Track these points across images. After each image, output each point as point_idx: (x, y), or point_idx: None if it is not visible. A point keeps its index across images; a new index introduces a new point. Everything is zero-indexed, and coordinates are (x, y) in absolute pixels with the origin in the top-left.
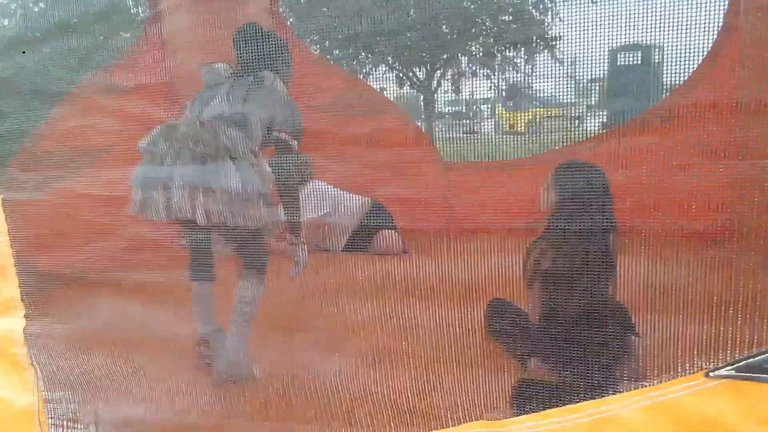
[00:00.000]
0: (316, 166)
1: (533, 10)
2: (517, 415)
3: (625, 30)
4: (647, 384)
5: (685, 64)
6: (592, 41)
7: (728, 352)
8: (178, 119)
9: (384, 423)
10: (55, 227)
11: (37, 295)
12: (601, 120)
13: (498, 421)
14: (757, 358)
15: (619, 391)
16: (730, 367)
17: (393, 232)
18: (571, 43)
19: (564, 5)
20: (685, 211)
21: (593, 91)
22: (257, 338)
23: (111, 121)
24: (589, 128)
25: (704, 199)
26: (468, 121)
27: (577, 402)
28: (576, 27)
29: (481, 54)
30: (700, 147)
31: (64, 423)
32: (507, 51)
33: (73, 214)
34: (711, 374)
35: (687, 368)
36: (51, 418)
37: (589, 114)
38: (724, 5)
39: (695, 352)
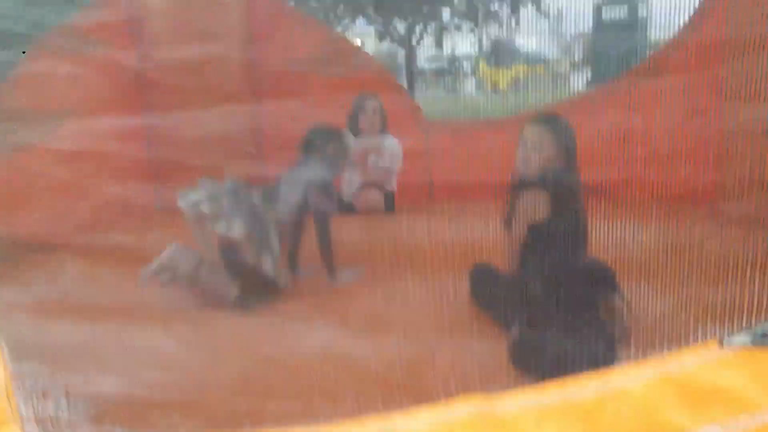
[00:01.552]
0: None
1: None
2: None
3: None
4: (655, 354)
5: None
6: None
7: (744, 318)
8: None
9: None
10: (19, 188)
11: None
12: None
13: (493, 394)
14: None
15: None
16: (746, 335)
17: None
18: None
19: None
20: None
21: None
22: None
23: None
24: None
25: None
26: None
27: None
28: None
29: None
30: None
31: (34, 397)
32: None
33: (39, 174)
34: (725, 343)
35: (699, 336)
36: (20, 391)
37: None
38: None
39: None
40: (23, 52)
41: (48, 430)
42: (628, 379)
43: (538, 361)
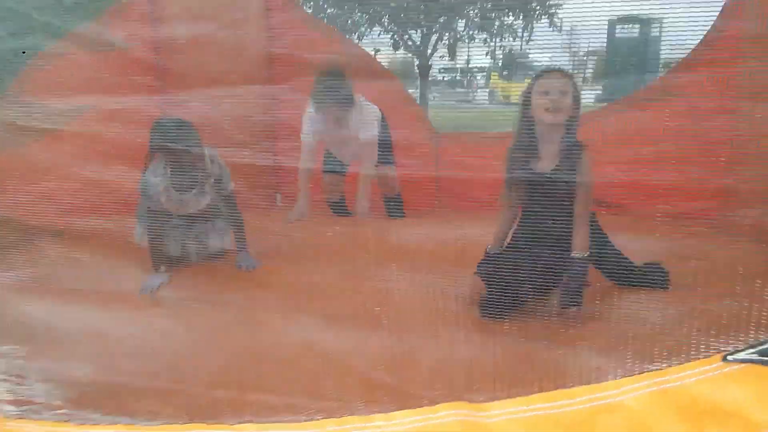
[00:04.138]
0: None
1: None
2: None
3: None
4: (652, 368)
5: None
6: None
7: (749, 333)
8: None
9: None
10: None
11: None
12: None
13: (479, 404)
14: None
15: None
16: (751, 350)
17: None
18: None
19: None
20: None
21: None
22: None
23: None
24: None
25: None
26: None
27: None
28: None
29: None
30: None
31: (11, 379)
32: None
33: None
34: (729, 358)
35: (701, 351)
36: None
37: None
38: None
39: (711, 333)
40: (23, 52)
41: (25, 412)
42: (623, 393)
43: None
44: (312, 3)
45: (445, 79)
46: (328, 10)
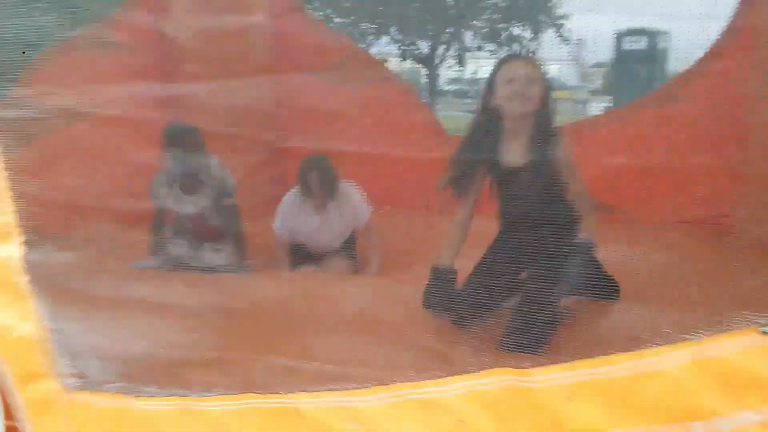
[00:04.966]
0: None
1: None
2: None
3: None
4: (692, 337)
5: None
6: None
7: None
8: None
9: None
10: (55, 149)
11: (35, 220)
12: None
13: (525, 369)
14: None
15: None
16: None
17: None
18: None
19: None
20: None
21: None
22: None
23: None
24: None
25: None
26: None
27: None
28: None
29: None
30: None
31: (67, 355)
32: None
33: (74, 134)
34: (766, 331)
35: (737, 324)
36: (54, 349)
37: None
38: None
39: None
40: (23, 52)
41: (85, 384)
42: (663, 360)
43: None
44: (321, 14)
45: (453, 89)
46: (336, 20)
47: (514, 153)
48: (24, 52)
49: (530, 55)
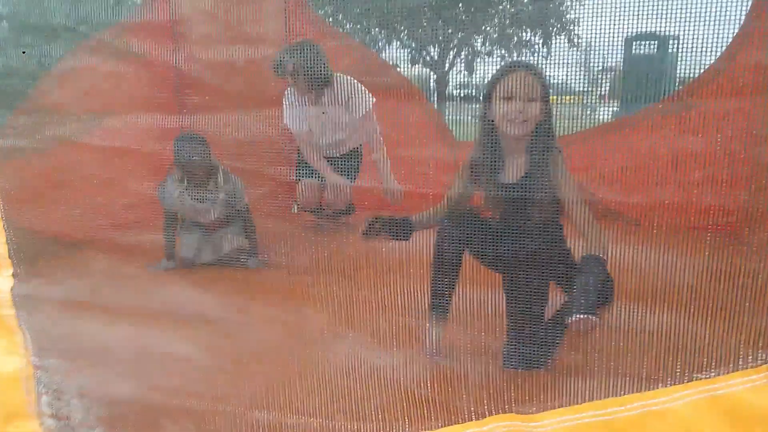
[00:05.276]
0: None
1: None
2: None
3: None
4: (701, 377)
5: None
6: None
7: None
8: None
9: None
10: (48, 180)
11: (26, 252)
12: None
13: (530, 415)
14: None
15: None
16: None
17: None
18: None
19: None
20: None
21: None
22: None
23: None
24: None
25: None
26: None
27: None
28: None
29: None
30: None
31: (51, 393)
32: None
33: (68, 166)
34: None
35: (748, 361)
36: (39, 385)
37: None
38: None
39: (757, 345)
40: (23, 52)
41: (64, 427)
42: (673, 399)
43: None
44: (331, 19)
45: (462, 94)
46: (348, 26)
47: (509, 169)
48: (24, 52)
49: (533, 64)
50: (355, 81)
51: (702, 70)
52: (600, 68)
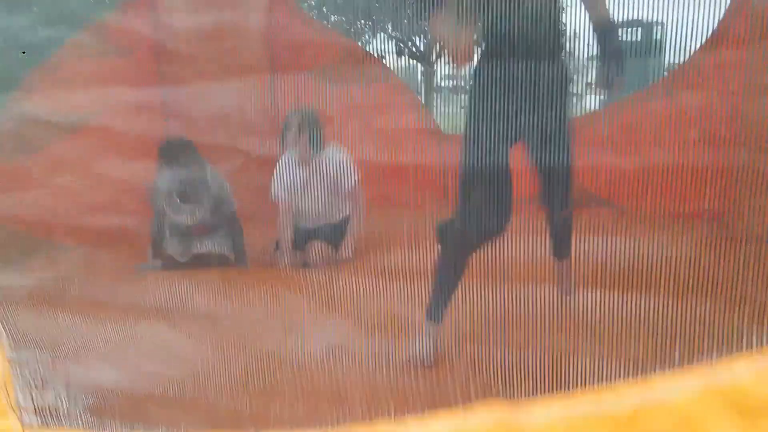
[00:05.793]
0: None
1: None
2: None
3: None
4: (700, 363)
5: None
6: None
7: None
8: None
9: None
10: (18, 168)
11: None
12: None
13: (518, 402)
14: None
15: None
16: None
17: None
18: None
19: None
20: None
21: None
22: None
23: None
24: None
25: None
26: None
27: None
28: None
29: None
30: None
31: (33, 386)
32: None
33: (37, 151)
34: None
35: (750, 344)
36: (18, 381)
37: None
38: None
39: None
40: (23, 52)
41: (46, 420)
42: (671, 390)
43: None
44: (315, 11)
45: (449, 85)
46: (332, 18)
47: None
48: (24, 53)
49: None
50: (346, 152)
51: None
52: None
